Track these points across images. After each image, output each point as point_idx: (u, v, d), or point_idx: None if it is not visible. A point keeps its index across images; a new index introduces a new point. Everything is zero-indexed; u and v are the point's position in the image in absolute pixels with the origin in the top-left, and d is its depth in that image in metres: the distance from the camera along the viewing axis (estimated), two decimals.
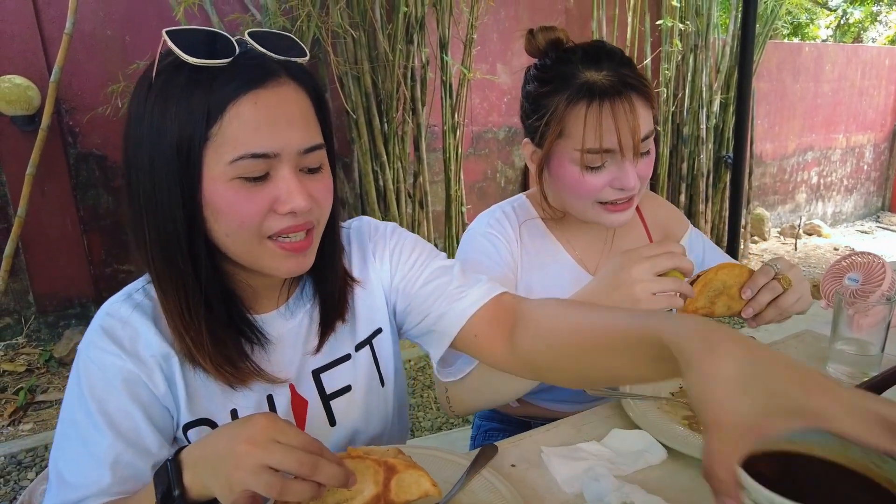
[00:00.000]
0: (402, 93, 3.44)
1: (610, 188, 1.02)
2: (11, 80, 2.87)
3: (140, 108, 0.69)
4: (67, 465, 0.73)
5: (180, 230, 0.69)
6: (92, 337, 0.76)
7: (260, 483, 0.56)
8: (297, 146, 0.70)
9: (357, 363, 0.91)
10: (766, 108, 5.50)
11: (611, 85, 0.97)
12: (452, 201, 3.81)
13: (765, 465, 0.45)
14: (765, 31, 4.63)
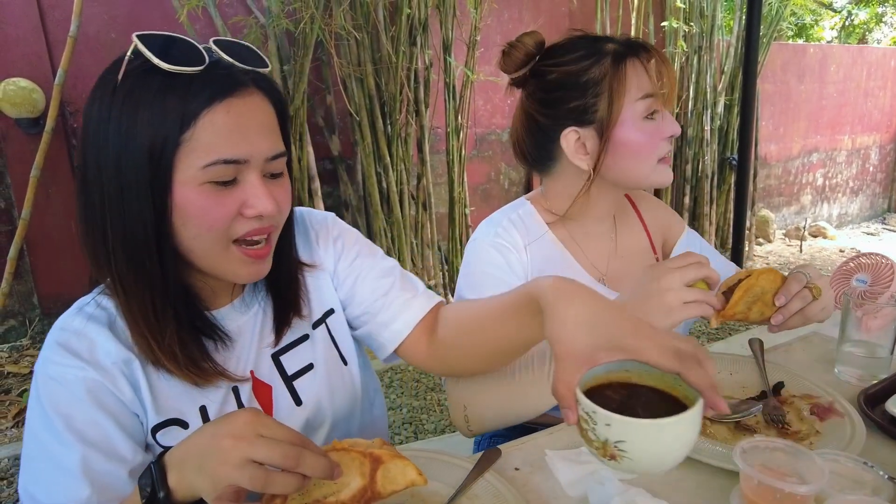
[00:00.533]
0: (405, 95, 3.44)
1: (663, 141, 1.06)
2: (16, 82, 2.88)
3: (104, 111, 0.69)
4: (40, 486, 0.72)
5: (149, 234, 0.70)
6: (47, 354, 0.75)
7: (244, 477, 0.56)
8: (265, 153, 0.73)
9: (315, 341, 0.92)
10: (771, 110, 5.48)
11: (635, 44, 1.04)
12: (456, 203, 3.81)
13: (610, 390, 0.62)
14: (769, 32, 4.61)
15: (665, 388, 0.62)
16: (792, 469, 0.67)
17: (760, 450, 0.70)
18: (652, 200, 1.31)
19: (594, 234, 1.18)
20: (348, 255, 0.97)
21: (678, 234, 1.27)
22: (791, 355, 1.17)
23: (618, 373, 0.64)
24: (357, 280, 0.96)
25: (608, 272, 1.17)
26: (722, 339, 3.53)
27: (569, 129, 1.06)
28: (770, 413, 0.92)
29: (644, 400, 0.62)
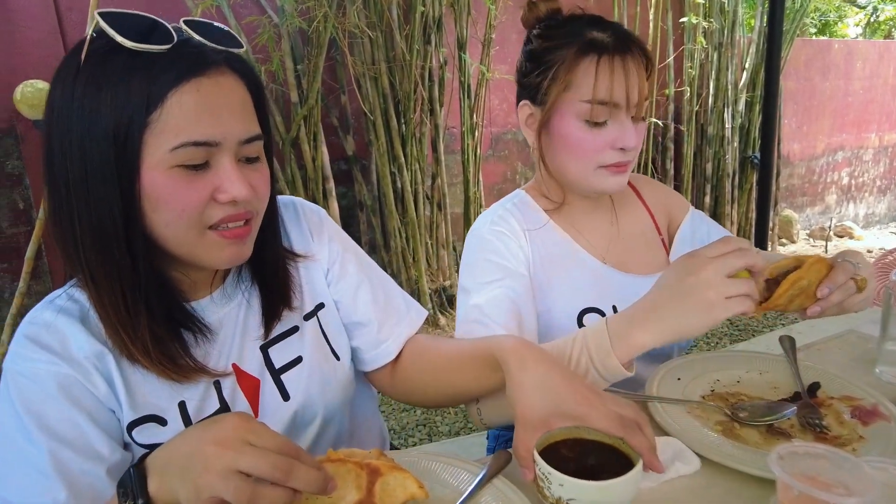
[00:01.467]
0: (419, 94, 3.41)
1: (611, 150, 1.02)
2: (34, 84, 2.90)
3: (67, 93, 0.66)
4: (13, 490, 0.68)
5: (118, 221, 0.67)
6: (16, 349, 0.72)
7: (228, 488, 0.51)
8: (237, 136, 0.70)
9: (305, 334, 0.89)
10: (794, 108, 5.35)
11: (620, 42, 1.00)
12: (471, 203, 3.76)
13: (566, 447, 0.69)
14: (792, 27, 4.51)
15: (613, 443, 0.70)
16: (836, 478, 0.61)
17: (799, 456, 0.64)
18: (653, 183, 1.29)
19: (593, 218, 1.17)
20: (343, 260, 0.95)
21: (683, 215, 1.24)
22: (826, 354, 1.10)
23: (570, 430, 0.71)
24: (350, 289, 0.94)
25: (610, 254, 1.16)
26: (745, 339, 3.43)
27: (524, 102, 1.09)
28: (806, 416, 0.86)
29: (595, 455, 0.69)
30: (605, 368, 0.83)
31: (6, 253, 3.12)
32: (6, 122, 3.01)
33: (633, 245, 1.18)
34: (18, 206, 3.11)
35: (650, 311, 0.83)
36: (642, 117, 1.04)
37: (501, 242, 1.08)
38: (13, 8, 2.92)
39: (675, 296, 0.81)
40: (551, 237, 1.12)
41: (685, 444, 0.80)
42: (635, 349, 0.83)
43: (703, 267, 0.79)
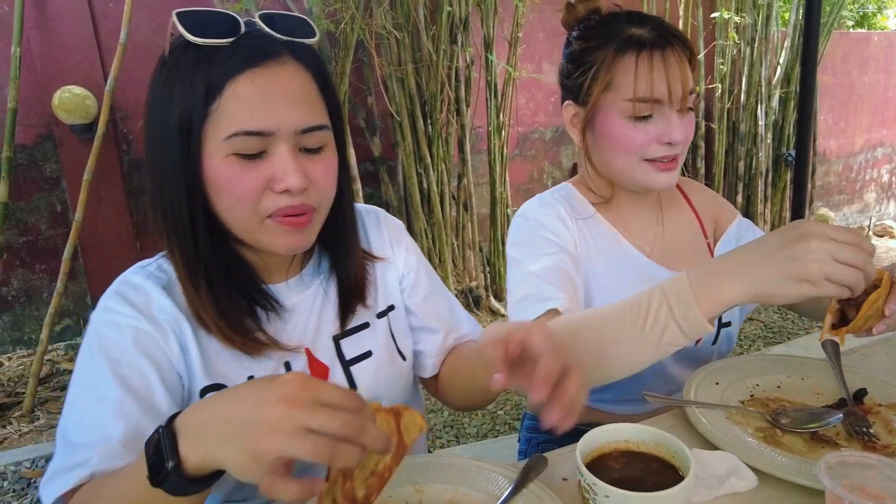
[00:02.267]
0: (446, 94, 3.40)
1: (656, 144, 1.01)
2: (71, 90, 2.98)
3: (154, 87, 0.73)
4: (75, 427, 0.72)
5: (182, 204, 0.72)
6: (105, 302, 0.77)
7: (305, 447, 0.49)
8: (294, 125, 0.71)
9: (376, 331, 0.92)
10: (831, 103, 5.19)
11: (659, 36, 0.99)
12: (497, 203, 3.74)
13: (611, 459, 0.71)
14: (829, 21, 4.37)
15: (662, 455, 0.70)
16: (888, 490, 0.59)
17: (849, 466, 0.61)
18: (702, 188, 1.28)
19: (639, 215, 1.16)
20: (418, 272, 0.99)
21: (730, 220, 1.22)
22: (871, 359, 1.06)
23: (617, 443, 0.72)
24: (422, 297, 0.98)
25: (655, 251, 1.15)
26: (779, 342, 3.34)
27: (568, 102, 1.10)
28: (853, 423, 0.83)
29: (642, 467, 0.69)
30: (687, 321, 0.77)
31: (44, 254, 3.21)
32: (45, 126, 3.10)
33: (679, 245, 1.17)
34: (56, 208, 3.19)
35: (741, 266, 0.76)
36: (689, 108, 1.02)
37: (551, 222, 1.08)
38: (50, 16, 3.00)
39: (773, 255, 0.74)
40: (598, 228, 1.12)
41: (742, 460, 0.77)
42: (720, 304, 0.77)
43: (818, 237, 0.72)
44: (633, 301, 0.82)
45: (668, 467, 0.69)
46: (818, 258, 0.71)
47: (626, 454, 0.72)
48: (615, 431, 0.73)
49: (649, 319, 0.79)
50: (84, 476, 0.67)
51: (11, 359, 3.20)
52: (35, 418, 2.73)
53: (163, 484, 0.55)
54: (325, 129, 0.75)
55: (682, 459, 0.68)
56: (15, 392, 2.91)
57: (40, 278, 3.23)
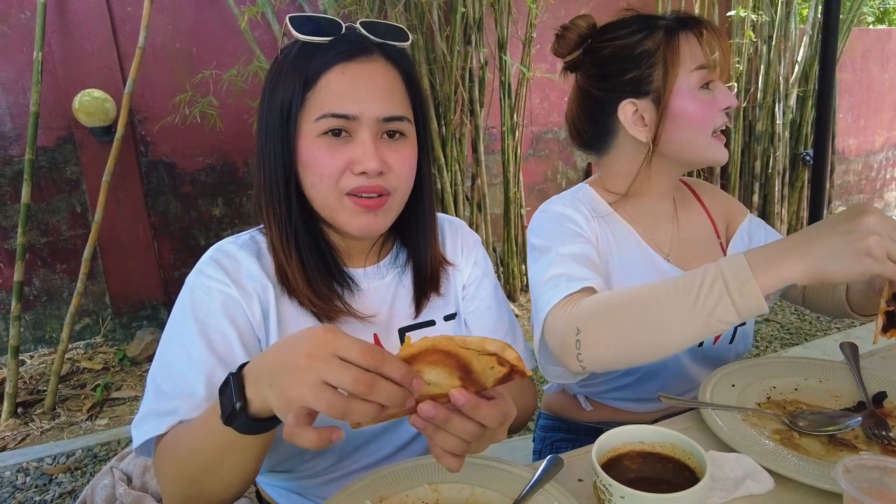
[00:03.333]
0: (459, 94, 3.41)
1: (720, 113, 1.04)
2: (91, 93, 3.03)
3: (266, 82, 0.85)
4: (164, 377, 0.79)
5: (280, 182, 0.83)
6: (201, 266, 0.85)
7: (321, 401, 0.53)
8: (376, 113, 0.80)
9: (441, 331, 0.94)
10: (850, 101, 5.12)
11: (689, 18, 1.04)
12: (511, 204, 3.74)
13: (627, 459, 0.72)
14: (849, 17, 4.31)
15: (678, 456, 0.71)
16: None
17: (868, 469, 0.61)
18: (713, 188, 1.29)
19: (656, 214, 1.16)
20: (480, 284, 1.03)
21: (740, 220, 1.23)
22: (891, 362, 1.05)
23: (633, 444, 0.73)
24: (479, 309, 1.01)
25: (672, 252, 1.15)
26: (796, 343, 3.30)
27: (626, 101, 1.06)
28: (872, 427, 0.82)
29: (658, 468, 0.70)
30: (742, 296, 0.75)
31: (64, 254, 3.27)
32: (65, 129, 3.15)
33: (693, 245, 1.17)
34: (76, 209, 3.25)
35: (799, 245, 0.76)
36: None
37: (575, 216, 1.09)
38: (71, 21, 3.06)
39: (831, 233, 0.73)
40: (616, 226, 1.13)
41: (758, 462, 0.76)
42: (779, 280, 0.75)
43: (872, 214, 0.72)
44: (686, 277, 0.81)
45: (684, 468, 0.69)
46: (876, 231, 0.71)
47: (641, 455, 0.72)
48: (631, 432, 0.73)
49: (703, 293, 0.77)
50: (174, 423, 0.75)
51: (33, 357, 3.27)
52: (56, 416, 2.79)
53: (233, 423, 0.61)
54: (406, 120, 0.83)
55: (697, 461, 0.68)
56: (37, 390, 2.97)
57: (61, 278, 3.29)
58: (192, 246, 3.50)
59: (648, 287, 0.83)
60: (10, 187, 3.09)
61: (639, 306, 0.82)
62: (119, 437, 2.55)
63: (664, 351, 0.83)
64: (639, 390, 1.14)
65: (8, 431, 2.65)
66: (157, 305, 3.47)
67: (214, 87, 3.08)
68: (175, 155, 3.36)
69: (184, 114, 3.03)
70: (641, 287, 0.84)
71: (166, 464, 0.73)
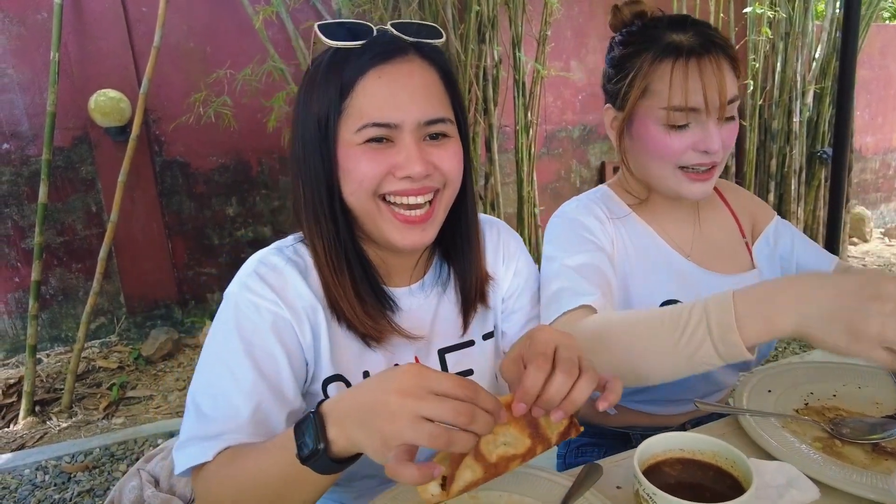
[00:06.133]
0: (473, 93, 3.39)
1: (693, 151, 0.99)
2: (106, 93, 3.05)
3: (299, 92, 0.82)
4: (207, 399, 0.75)
5: (322, 192, 0.79)
6: (247, 280, 0.80)
7: (422, 435, 0.53)
8: (417, 117, 0.77)
9: (480, 351, 0.93)
10: (868, 98, 5.06)
11: (698, 44, 0.97)
12: (525, 203, 3.72)
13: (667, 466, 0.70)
14: (868, 13, 4.25)
15: (720, 464, 0.69)
16: None
17: None
18: (738, 189, 1.27)
19: (676, 216, 1.14)
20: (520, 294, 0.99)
21: (766, 221, 1.21)
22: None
23: (673, 451, 0.72)
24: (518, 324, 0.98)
25: (694, 252, 1.14)
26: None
27: (608, 105, 1.10)
28: None
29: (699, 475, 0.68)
30: (724, 345, 0.73)
31: (80, 254, 3.29)
32: (81, 129, 3.17)
33: (717, 245, 1.16)
34: (91, 209, 3.26)
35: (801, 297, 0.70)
36: (730, 117, 1.00)
37: (589, 221, 1.08)
38: (86, 21, 3.07)
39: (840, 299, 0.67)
40: (635, 229, 1.12)
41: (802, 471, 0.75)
42: (767, 333, 0.71)
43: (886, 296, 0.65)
44: (674, 312, 0.78)
45: (726, 476, 0.68)
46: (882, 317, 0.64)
47: (681, 462, 0.71)
48: (671, 440, 0.71)
49: (686, 334, 0.76)
50: (220, 449, 0.72)
51: (50, 356, 3.29)
52: (73, 414, 2.80)
53: (312, 463, 0.60)
54: (448, 121, 0.80)
55: (741, 469, 0.67)
56: (53, 388, 2.99)
57: (76, 277, 3.30)
58: (205, 245, 3.51)
59: (638, 317, 0.83)
60: (27, 187, 3.11)
61: (627, 337, 0.82)
62: (136, 437, 2.56)
63: (651, 382, 0.82)
64: (663, 393, 1.12)
65: (26, 430, 2.67)
66: (171, 305, 3.48)
67: (229, 87, 3.08)
68: (189, 154, 3.37)
69: (198, 113, 3.03)
70: (632, 316, 0.84)
71: (220, 491, 0.71)
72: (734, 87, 0.98)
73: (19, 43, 3.00)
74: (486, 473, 0.59)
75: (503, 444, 0.60)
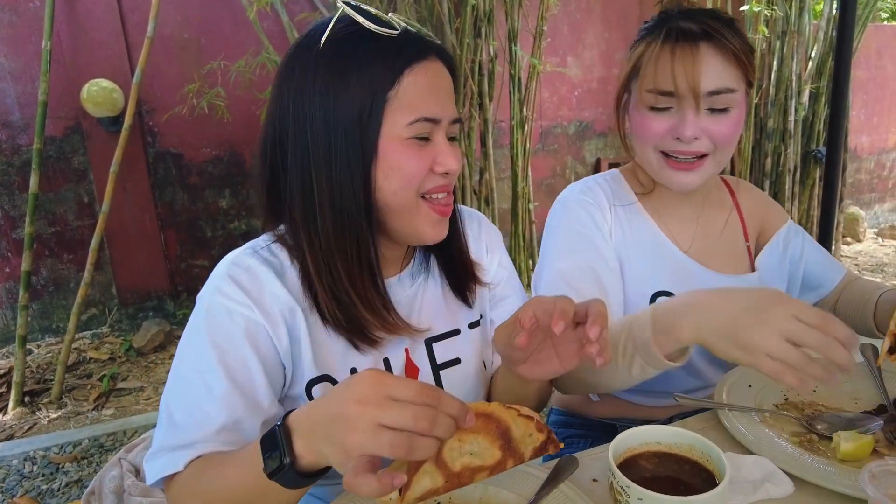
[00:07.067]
0: (469, 88, 3.38)
1: (670, 138, 1.00)
2: (99, 83, 3.03)
3: (307, 76, 0.74)
4: (179, 407, 0.74)
5: (358, 190, 0.74)
6: (219, 283, 0.77)
7: (382, 444, 0.52)
8: (450, 115, 0.78)
9: (467, 339, 0.93)
10: (864, 98, 5.06)
11: (688, 31, 0.97)
12: (519, 198, 3.71)
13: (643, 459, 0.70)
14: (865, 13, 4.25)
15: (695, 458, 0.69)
16: None
17: (894, 475, 0.59)
18: (753, 190, 1.26)
19: (679, 210, 1.15)
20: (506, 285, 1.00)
21: (778, 225, 1.21)
22: None
23: (649, 444, 0.71)
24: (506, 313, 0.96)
25: (693, 248, 1.14)
26: None
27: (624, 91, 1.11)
28: (893, 431, 0.80)
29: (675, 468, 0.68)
30: (650, 358, 0.81)
31: (72, 245, 3.28)
32: (73, 119, 3.15)
33: (717, 244, 1.16)
34: (83, 200, 3.25)
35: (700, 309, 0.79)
36: (720, 109, 0.98)
37: (587, 212, 1.08)
38: (80, 10, 3.04)
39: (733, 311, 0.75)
40: (636, 218, 1.12)
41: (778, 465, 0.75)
42: (675, 343, 0.80)
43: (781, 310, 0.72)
44: (613, 331, 0.86)
45: (702, 470, 0.68)
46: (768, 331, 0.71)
47: (657, 455, 0.71)
48: (648, 433, 0.72)
49: (620, 351, 0.84)
50: (191, 458, 0.70)
51: (40, 346, 3.28)
52: (63, 405, 2.79)
53: (278, 478, 0.58)
54: (461, 122, 0.83)
55: (716, 463, 0.67)
56: (43, 379, 2.98)
57: (68, 268, 3.29)
58: (198, 237, 3.50)
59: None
60: (18, 177, 3.09)
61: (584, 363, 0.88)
62: (125, 428, 2.56)
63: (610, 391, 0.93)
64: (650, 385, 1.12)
65: (15, 420, 2.66)
66: (164, 296, 3.48)
67: (223, 78, 3.07)
68: (182, 146, 3.35)
69: (192, 105, 3.02)
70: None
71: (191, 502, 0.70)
72: (724, 78, 0.96)
73: (11, 31, 2.98)
74: (448, 482, 0.56)
75: (469, 454, 0.57)
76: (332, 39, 0.73)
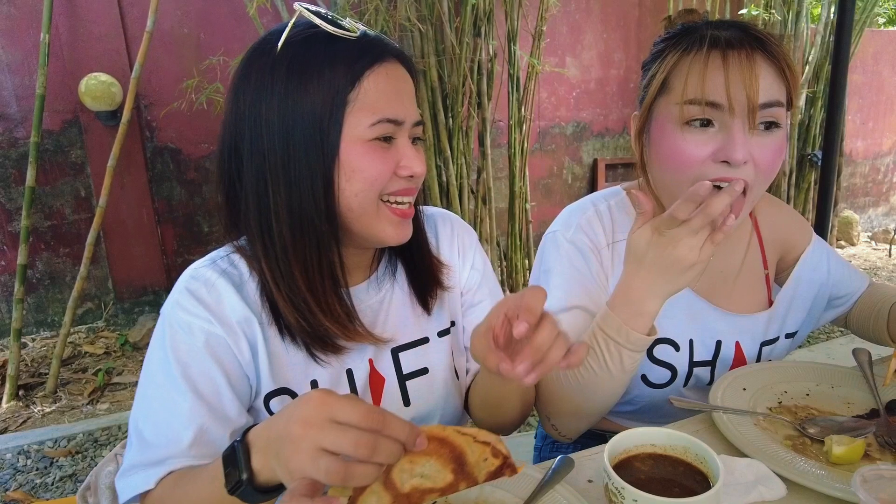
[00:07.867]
0: (468, 87, 3.38)
1: (713, 162, 0.85)
2: (97, 77, 3.02)
3: (264, 79, 0.72)
4: (148, 424, 0.74)
5: (318, 194, 0.72)
6: (178, 298, 0.77)
7: (319, 469, 0.51)
8: (412, 117, 0.77)
9: (435, 348, 0.91)
10: (860, 103, 5.09)
11: (731, 37, 0.86)
12: (516, 198, 3.72)
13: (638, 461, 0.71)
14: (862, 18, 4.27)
15: (690, 460, 0.70)
16: None
17: (887, 480, 0.60)
18: (776, 206, 1.14)
19: None
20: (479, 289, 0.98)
21: (802, 247, 1.11)
22: None
23: (644, 446, 0.72)
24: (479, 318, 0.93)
25: (701, 283, 1.04)
26: (802, 345, 3.29)
27: (635, 113, 0.99)
28: (885, 435, 0.81)
29: (669, 470, 0.69)
30: (632, 342, 0.84)
31: (68, 239, 3.27)
32: (71, 113, 3.14)
33: (730, 278, 1.06)
34: (80, 193, 3.24)
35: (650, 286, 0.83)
36: (769, 126, 0.86)
37: (582, 255, 1.00)
38: (79, 3, 3.03)
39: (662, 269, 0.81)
40: None
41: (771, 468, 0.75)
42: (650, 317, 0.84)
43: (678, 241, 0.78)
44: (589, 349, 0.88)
45: (696, 472, 0.69)
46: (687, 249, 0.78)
47: (652, 457, 0.72)
48: (643, 435, 0.72)
49: (606, 357, 0.86)
50: (162, 475, 0.71)
51: (35, 340, 3.27)
52: (57, 399, 2.79)
53: (238, 494, 0.59)
54: (423, 125, 0.82)
55: (710, 465, 0.68)
56: (38, 373, 2.97)
57: (64, 262, 3.28)
58: (195, 233, 3.50)
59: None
60: (14, 170, 3.08)
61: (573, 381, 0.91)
62: (120, 423, 2.56)
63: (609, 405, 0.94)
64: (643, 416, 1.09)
65: (9, 414, 2.66)
66: (160, 291, 3.47)
67: (222, 74, 3.06)
68: (180, 141, 3.35)
69: (190, 100, 3.01)
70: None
71: None
72: (775, 90, 0.85)
73: (9, 23, 2.96)
74: (396, 503, 0.55)
75: (420, 476, 0.56)
76: (290, 43, 0.72)
